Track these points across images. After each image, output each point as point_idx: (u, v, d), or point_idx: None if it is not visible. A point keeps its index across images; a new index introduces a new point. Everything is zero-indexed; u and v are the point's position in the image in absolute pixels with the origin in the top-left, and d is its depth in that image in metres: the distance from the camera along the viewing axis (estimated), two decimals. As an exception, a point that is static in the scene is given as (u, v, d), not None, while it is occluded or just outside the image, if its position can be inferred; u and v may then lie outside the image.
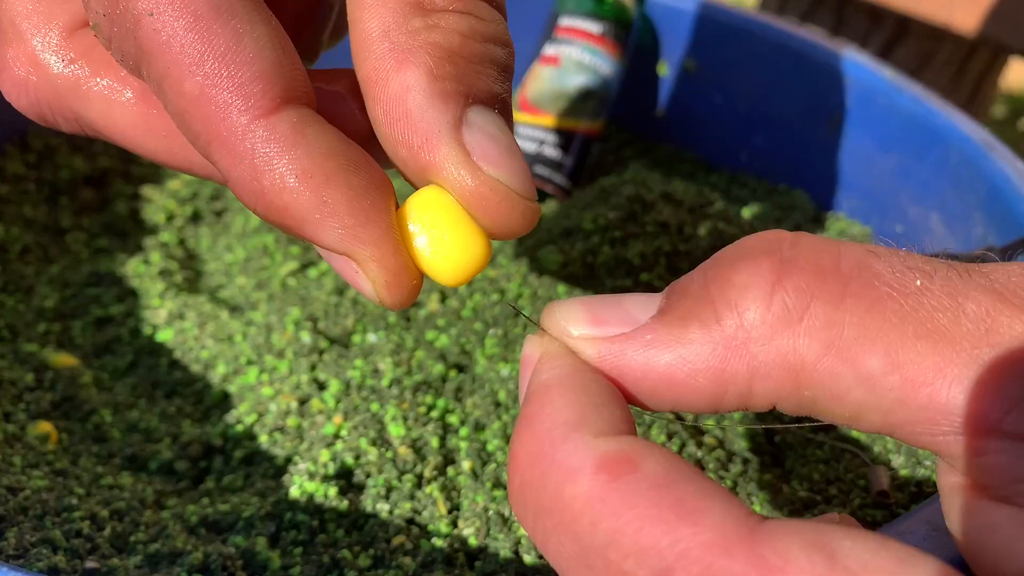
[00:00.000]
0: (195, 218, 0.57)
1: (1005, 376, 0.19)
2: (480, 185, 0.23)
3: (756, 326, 0.20)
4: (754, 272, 0.20)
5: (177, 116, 0.22)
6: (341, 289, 0.50)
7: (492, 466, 0.40)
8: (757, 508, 0.39)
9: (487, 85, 0.23)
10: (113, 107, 0.26)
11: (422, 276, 0.24)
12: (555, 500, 0.19)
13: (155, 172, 0.60)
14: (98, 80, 0.27)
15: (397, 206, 0.24)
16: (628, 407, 0.21)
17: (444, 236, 0.23)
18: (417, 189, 0.24)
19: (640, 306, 0.22)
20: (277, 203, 0.22)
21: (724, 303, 0.20)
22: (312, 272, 0.52)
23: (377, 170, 0.24)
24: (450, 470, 0.40)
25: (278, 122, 0.22)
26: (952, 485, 0.21)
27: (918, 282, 0.20)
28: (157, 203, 0.57)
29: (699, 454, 0.41)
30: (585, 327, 0.22)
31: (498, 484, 0.39)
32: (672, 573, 0.17)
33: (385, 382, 0.43)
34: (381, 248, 0.23)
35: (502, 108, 0.24)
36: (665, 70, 0.70)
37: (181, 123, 0.23)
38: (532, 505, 0.19)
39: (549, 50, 0.63)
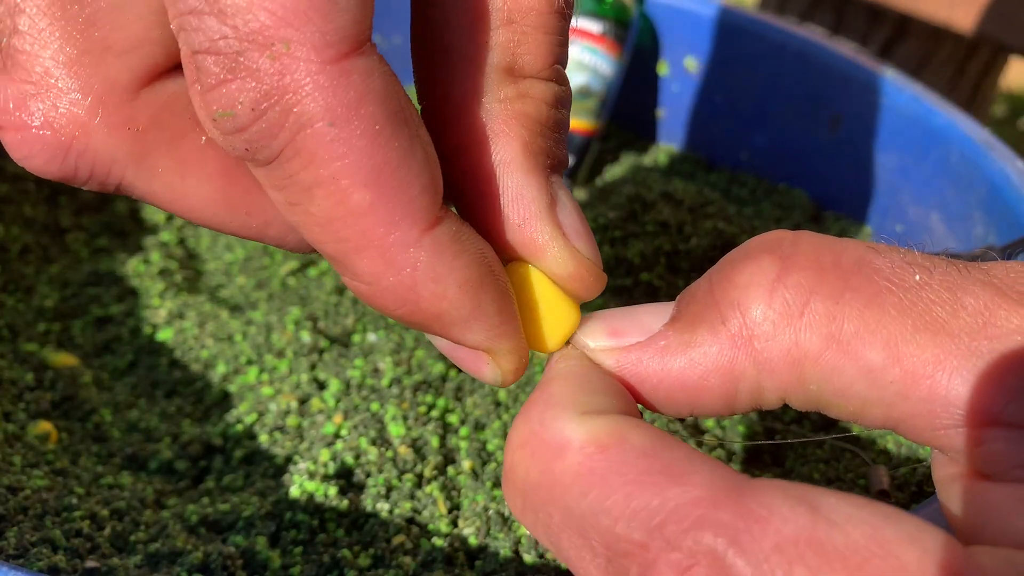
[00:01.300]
0: (195, 218, 0.57)
1: (1004, 368, 0.19)
2: (578, 267, 0.23)
3: (759, 323, 0.21)
4: (755, 271, 0.21)
5: (320, 221, 0.20)
6: (341, 288, 0.50)
7: (492, 465, 0.40)
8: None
9: (562, 154, 0.24)
10: (187, 182, 0.23)
11: None
12: (544, 475, 0.19)
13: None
14: (172, 152, 0.22)
15: None
16: (631, 400, 0.22)
17: (548, 315, 0.24)
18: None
19: (653, 315, 0.22)
20: (432, 311, 0.22)
21: (728, 304, 0.21)
22: (312, 271, 0.52)
23: (496, 257, 0.23)
24: (450, 469, 0.40)
25: (441, 234, 0.21)
26: (950, 476, 0.21)
27: (917, 277, 0.20)
28: (157, 203, 0.57)
29: (699, 453, 0.41)
30: (603, 339, 0.23)
31: (498, 484, 0.39)
32: (664, 527, 0.17)
33: (385, 381, 0.43)
34: (517, 340, 0.23)
35: (564, 171, 0.24)
36: (665, 70, 0.70)
37: (320, 227, 0.20)
38: (521, 484, 0.20)
39: (549, 50, 0.63)
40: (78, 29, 0.21)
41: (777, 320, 0.20)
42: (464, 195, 0.23)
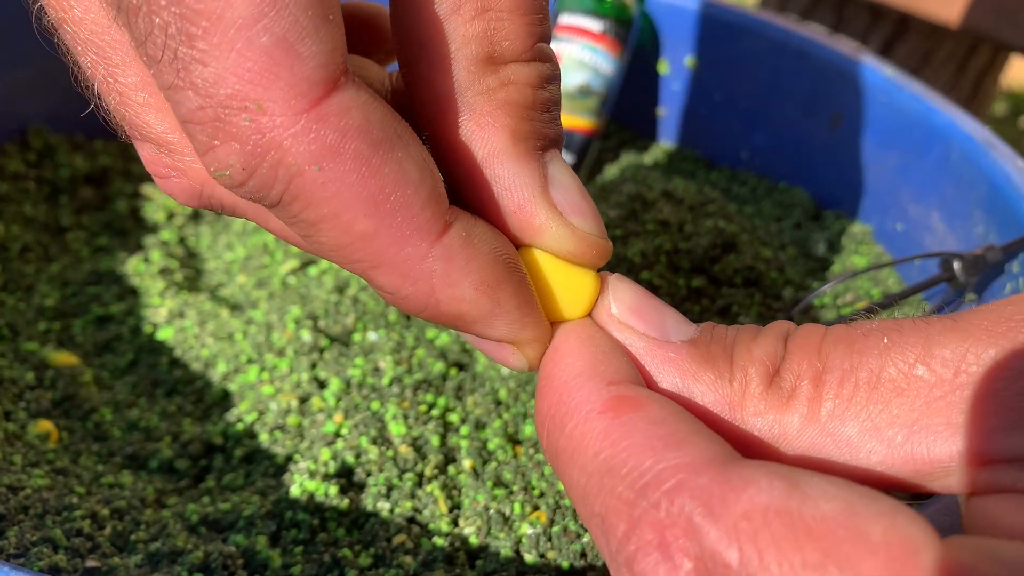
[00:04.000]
0: (195, 216, 0.57)
1: (981, 413, 0.20)
2: (578, 243, 0.24)
3: (754, 397, 0.22)
4: (766, 352, 0.23)
5: (332, 249, 0.22)
6: (341, 287, 0.50)
7: (493, 464, 0.40)
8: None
9: (554, 131, 0.24)
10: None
11: None
12: (568, 439, 0.21)
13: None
14: None
15: None
16: (628, 356, 0.23)
17: (565, 291, 0.25)
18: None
19: (676, 325, 0.23)
20: (452, 312, 0.22)
21: (740, 367, 0.22)
22: (312, 270, 0.52)
23: (514, 250, 0.24)
24: (451, 469, 0.40)
25: (450, 241, 0.22)
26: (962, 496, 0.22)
27: (885, 340, 0.21)
28: (157, 201, 0.57)
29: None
30: (625, 312, 0.24)
31: (499, 483, 0.39)
32: (648, 488, 0.19)
33: (386, 380, 0.43)
34: (540, 329, 0.24)
35: (561, 145, 0.25)
36: (665, 68, 0.70)
37: (334, 253, 0.22)
38: (553, 448, 0.21)
39: (549, 48, 0.63)
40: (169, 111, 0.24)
41: (770, 400, 0.22)
42: (462, 189, 0.24)
